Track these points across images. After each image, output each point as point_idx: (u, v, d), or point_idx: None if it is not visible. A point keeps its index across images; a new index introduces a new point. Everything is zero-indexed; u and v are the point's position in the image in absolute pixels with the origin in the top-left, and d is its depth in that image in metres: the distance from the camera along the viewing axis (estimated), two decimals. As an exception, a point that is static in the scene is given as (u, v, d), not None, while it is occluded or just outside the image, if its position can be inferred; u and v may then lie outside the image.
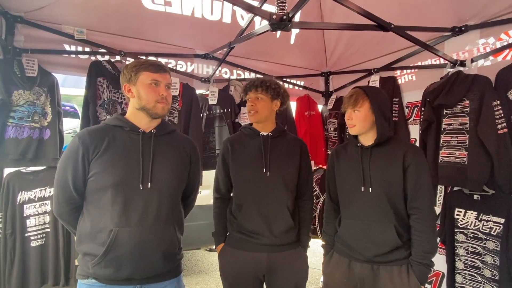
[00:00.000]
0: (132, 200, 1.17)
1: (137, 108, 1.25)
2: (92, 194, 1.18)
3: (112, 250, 1.13)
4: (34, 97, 1.98)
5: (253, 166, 1.55)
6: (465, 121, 1.83)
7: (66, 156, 1.19)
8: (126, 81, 1.25)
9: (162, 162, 1.25)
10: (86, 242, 1.17)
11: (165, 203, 1.23)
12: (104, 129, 1.23)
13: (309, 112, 2.98)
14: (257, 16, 1.81)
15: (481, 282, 1.75)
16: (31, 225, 1.96)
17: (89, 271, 1.16)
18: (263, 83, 1.54)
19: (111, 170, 1.16)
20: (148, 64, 1.23)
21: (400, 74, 2.44)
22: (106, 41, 2.20)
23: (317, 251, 4.10)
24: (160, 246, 1.21)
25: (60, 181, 1.19)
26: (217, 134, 2.58)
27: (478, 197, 1.80)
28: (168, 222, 1.24)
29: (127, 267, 1.16)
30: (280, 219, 1.53)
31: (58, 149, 2.09)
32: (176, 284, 1.30)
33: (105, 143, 1.18)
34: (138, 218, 1.16)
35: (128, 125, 1.24)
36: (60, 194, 1.20)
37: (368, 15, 1.53)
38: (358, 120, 1.42)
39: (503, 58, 1.80)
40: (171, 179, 1.26)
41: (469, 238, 1.82)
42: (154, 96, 1.22)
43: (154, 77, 1.22)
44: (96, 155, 1.17)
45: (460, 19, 1.95)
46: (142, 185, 1.18)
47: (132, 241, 1.14)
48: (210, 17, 2.38)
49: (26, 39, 1.98)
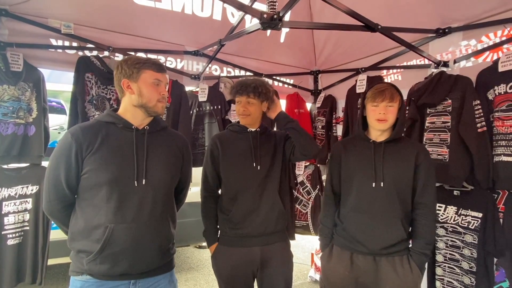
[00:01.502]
0: (127, 197, 1.17)
1: (135, 105, 1.24)
2: (85, 191, 1.17)
3: (108, 247, 1.13)
4: (19, 93, 1.93)
5: (244, 160, 1.59)
6: (447, 120, 1.90)
7: (58, 153, 1.17)
8: (126, 77, 1.23)
9: (155, 158, 1.25)
10: (79, 239, 1.17)
11: (159, 199, 1.24)
12: (96, 125, 1.22)
13: (298, 110, 3.02)
14: (248, 14, 1.83)
15: (460, 274, 1.83)
16: (9, 223, 1.92)
17: (83, 268, 1.16)
18: (255, 89, 1.56)
19: (106, 167, 1.16)
20: (151, 63, 1.24)
21: (387, 74, 2.50)
22: (94, 36, 2.17)
23: (305, 247, 4.15)
24: (156, 241, 1.23)
25: (52, 178, 1.17)
26: (206, 131, 2.58)
27: (458, 193, 1.87)
28: (162, 217, 1.26)
29: (123, 263, 1.16)
30: (271, 206, 1.59)
31: (43, 146, 2.05)
32: (170, 278, 1.32)
33: (99, 140, 1.18)
34: (133, 215, 1.17)
35: (121, 121, 1.24)
36: (52, 192, 1.18)
37: (356, 15, 1.57)
38: (392, 115, 1.43)
39: (484, 60, 1.88)
40: (164, 176, 1.27)
41: (448, 232, 1.89)
42: (156, 95, 1.24)
43: (157, 76, 1.24)
44: (89, 152, 1.16)
45: (444, 21, 2.01)
46: (137, 182, 1.19)
47: (128, 238, 1.15)
48: (200, 14, 2.38)
49: (11, 32, 1.92)
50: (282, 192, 1.64)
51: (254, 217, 1.56)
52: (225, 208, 1.61)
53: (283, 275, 1.62)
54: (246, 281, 1.61)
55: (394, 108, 1.43)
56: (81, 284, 1.17)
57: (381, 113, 1.41)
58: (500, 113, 1.69)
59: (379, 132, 1.47)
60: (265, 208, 1.57)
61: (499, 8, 1.78)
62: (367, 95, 1.49)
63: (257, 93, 1.57)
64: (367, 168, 1.46)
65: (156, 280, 1.26)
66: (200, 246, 4.46)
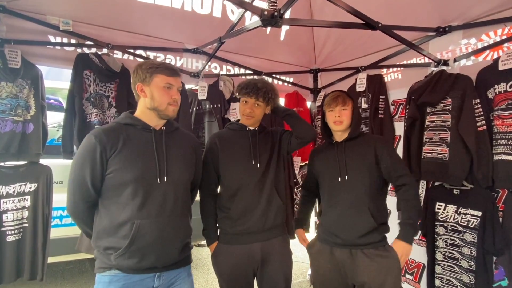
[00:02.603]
0: (151, 194, 1.24)
1: (149, 108, 1.31)
2: (110, 190, 1.23)
3: (136, 242, 1.20)
4: (17, 90, 1.92)
5: (243, 158, 1.60)
6: (447, 119, 1.90)
7: (83, 155, 1.22)
8: (140, 81, 1.29)
9: (174, 157, 1.33)
10: (106, 237, 1.22)
11: (180, 195, 1.33)
12: (117, 127, 1.28)
13: (298, 109, 3.01)
14: (248, 11, 1.82)
15: (459, 272, 1.84)
16: (8, 220, 1.92)
17: (111, 263, 1.21)
18: (266, 94, 1.59)
19: (130, 167, 1.22)
20: (164, 67, 1.29)
21: (387, 72, 2.50)
22: (93, 33, 2.15)
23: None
24: (178, 235, 1.31)
25: (77, 179, 1.22)
26: (206, 130, 2.57)
27: (457, 192, 1.87)
28: (183, 212, 1.34)
29: (150, 257, 1.23)
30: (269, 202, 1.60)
31: (41, 143, 2.04)
32: (188, 271, 1.41)
33: (121, 141, 1.24)
34: (157, 210, 1.24)
35: (140, 123, 1.30)
36: (77, 193, 1.23)
37: (357, 13, 1.57)
38: (346, 117, 1.60)
39: (484, 58, 1.88)
40: (184, 173, 1.36)
41: (448, 231, 1.90)
42: (167, 98, 1.30)
43: (169, 80, 1.29)
44: (113, 152, 1.22)
45: (444, 20, 2.01)
46: (159, 179, 1.26)
47: (153, 232, 1.22)
48: (200, 11, 2.36)
49: (8, 29, 1.90)
50: (280, 187, 1.66)
51: (253, 213, 1.57)
52: (224, 206, 1.61)
53: (283, 273, 1.63)
54: (247, 279, 1.61)
55: (347, 111, 1.60)
56: (109, 279, 1.22)
57: (337, 116, 1.59)
58: (500, 112, 1.69)
59: (340, 133, 1.64)
60: (264, 203, 1.58)
61: (499, 7, 1.78)
62: (325, 102, 1.66)
63: (267, 98, 1.60)
64: (333, 165, 1.62)
65: (177, 273, 1.34)
66: (199, 244, 4.46)
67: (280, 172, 1.67)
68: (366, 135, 1.68)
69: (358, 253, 1.52)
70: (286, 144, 1.68)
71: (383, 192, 1.63)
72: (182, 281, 1.35)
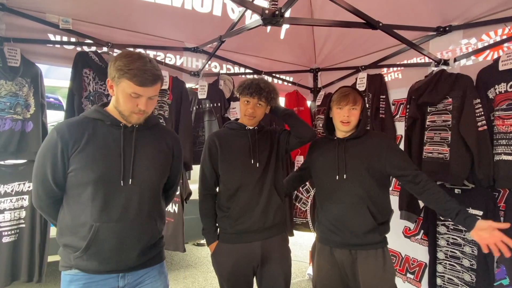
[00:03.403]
0: (113, 196, 1.15)
1: (115, 108, 1.21)
2: (72, 189, 1.16)
3: (93, 245, 1.13)
4: (16, 88, 1.91)
5: (243, 158, 1.60)
6: (447, 119, 1.90)
7: (44, 150, 1.16)
8: (110, 77, 1.18)
9: (144, 157, 1.23)
10: (67, 235, 1.17)
11: (146, 199, 1.22)
12: (83, 122, 1.19)
13: (298, 108, 3.01)
14: (249, 10, 1.81)
15: (460, 271, 1.84)
16: (5, 220, 1.90)
17: (71, 263, 1.17)
18: (268, 95, 1.59)
19: (91, 166, 1.14)
20: (134, 74, 1.11)
21: (387, 72, 2.49)
22: (92, 31, 2.14)
23: (303, 245, 4.17)
24: (141, 240, 1.22)
25: (39, 175, 1.17)
26: (206, 129, 2.57)
27: (459, 191, 1.87)
28: (149, 216, 1.24)
29: (109, 261, 1.17)
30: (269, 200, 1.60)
31: (40, 142, 2.03)
32: (159, 269, 1.32)
33: (85, 137, 1.15)
34: (119, 214, 1.16)
35: (109, 118, 1.20)
36: (40, 188, 1.18)
37: (357, 12, 1.56)
38: (354, 117, 1.54)
39: (484, 58, 1.88)
40: (152, 175, 1.24)
41: (450, 230, 1.90)
42: (131, 107, 1.17)
43: (136, 90, 1.14)
44: (75, 150, 1.13)
45: (445, 19, 2.01)
46: (123, 182, 1.17)
47: (113, 236, 1.15)
48: (200, 9, 2.36)
49: (8, 27, 1.89)
50: (279, 186, 1.66)
51: (253, 212, 1.57)
52: (224, 206, 1.61)
53: (283, 271, 1.63)
54: (247, 277, 1.61)
55: (356, 111, 1.54)
56: (70, 278, 1.17)
57: (345, 116, 1.53)
58: (500, 112, 1.69)
59: (344, 132, 1.59)
60: (263, 202, 1.58)
61: (499, 6, 1.77)
62: (333, 98, 1.60)
63: (269, 98, 1.60)
64: (331, 163, 1.57)
65: (145, 272, 1.26)
66: (199, 243, 4.47)
67: (279, 171, 1.68)
68: (370, 133, 1.62)
69: (358, 253, 1.50)
70: (284, 143, 1.68)
71: (385, 191, 1.59)
72: (153, 279, 1.27)
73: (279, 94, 1.68)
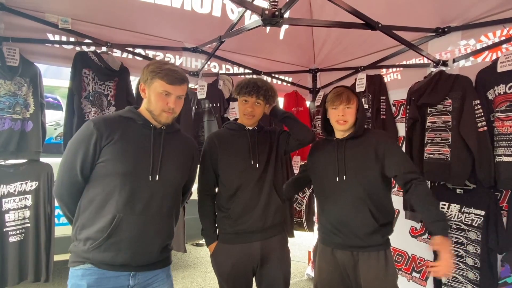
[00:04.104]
0: (139, 190, 1.22)
1: (146, 109, 1.32)
2: (99, 179, 1.21)
3: (114, 235, 1.18)
4: (15, 88, 1.91)
5: (243, 158, 1.60)
6: (447, 119, 1.90)
7: (78, 140, 1.21)
8: (143, 81, 1.30)
9: (170, 157, 1.31)
10: (87, 227, 1.20)
11: (168, 196, 1.30)
12: (117, 119, 1.28)
13: (297, 108, 3.01)
14: (248, 10, 1.82)
15: (464, 269, 1.86)
16: (10, 220, 1.91)
17: (86, 255, 1.19)
18: (266, 93, 1.59)
19: (123, 159, 1.21)
20: (165, 74, 1.25)
21: (386, 73, 2.50)
22: (92, 31, 2.14)
23: (302, 245, 4.18)
24: (159, 236, 1.28)
25: (68, 163, 1.21)
26: (206, 129, 2.57)
27: (460, 191, 1.89)
28: (168, 214, 1.32)
29: (125, 253, 1.20)
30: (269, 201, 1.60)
31: (40, 142, 2.03)
32: (167, 272, 1.36)
33: (119, 132, 1.23)
34: (142, 208, 1.22)
35: (141, 118, 1.30)
36: (66, 176, 1.22)
37: (357, 13, 1.56)
38: (350, 116, 1.53)
39: (483, 59, 1.88)
40: (176, 174, 1.34)
41: (453, 230, 1.91)
42: (162, 105, 1.27)
43: (166, 88, 1.26)
44: (109, 142, 1.21)
45: (444, 20, 2.02)
46: (151, 177, 1.24)
47: (134, 229, 1.20)
48: (199, 10, 2.36)
49: (7, 27, 1.89)
50: (279, 187, 1.67)
51: (253, 212, 1.57)
52: (224, 206, 1.61)
53: (282, 271, 1.63)
54: (247, 278, 1.61)
55: (352, 110, 1.52)
56: (82, 272, 1.19)
57: (340, 115, 1.52)
58: (500, 114, 1.70)
59: (342, 132, 1.57)
60: (263, 202, 1.58)
61: (498, 8, 1.78)
62: (327, 98, 1.58)
63: (267, 97, 1.60)
64: (331, 164, 1.56)
65: (154, 274, 1.30)
66: (197, 243, 4.46)
67: (278, 171, 1.67)
68: (370, 131, 1.60)
69: (360, 255, 1.48)
70: (284, 144, 1.67)
71: (386, 192, 1.56)
72: (161, 283, 1.32)
73: (277, 93, 1.68)
